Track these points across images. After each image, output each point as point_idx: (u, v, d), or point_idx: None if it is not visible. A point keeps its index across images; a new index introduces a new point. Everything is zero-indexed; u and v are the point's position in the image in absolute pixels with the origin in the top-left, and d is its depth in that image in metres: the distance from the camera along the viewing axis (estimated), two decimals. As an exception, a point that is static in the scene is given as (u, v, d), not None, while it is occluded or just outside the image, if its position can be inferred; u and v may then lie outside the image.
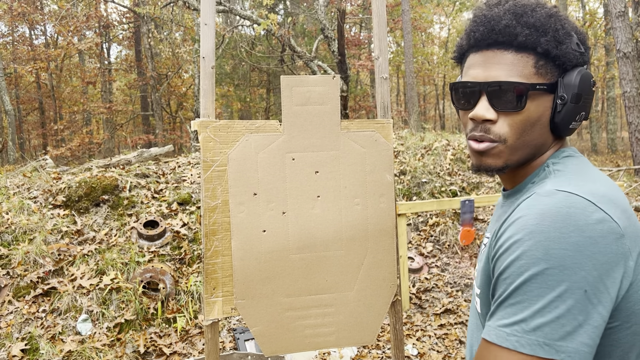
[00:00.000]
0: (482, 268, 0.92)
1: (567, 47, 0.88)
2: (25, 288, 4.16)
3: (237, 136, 1.64)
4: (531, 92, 0.87)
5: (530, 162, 0.94)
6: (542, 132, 0.91)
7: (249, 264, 1.65)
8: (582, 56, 0.90)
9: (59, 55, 16.93)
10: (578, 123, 0.91)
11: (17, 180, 5.48)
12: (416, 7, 19.82)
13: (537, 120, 0.89)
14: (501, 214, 0.97)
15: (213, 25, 1.63)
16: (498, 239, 0.83)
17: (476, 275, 0.99)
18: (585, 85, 0.88)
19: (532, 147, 0.91)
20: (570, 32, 0.89)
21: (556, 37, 0.87)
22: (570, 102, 0.88)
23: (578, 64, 0.90)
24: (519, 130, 0.89)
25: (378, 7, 1.73)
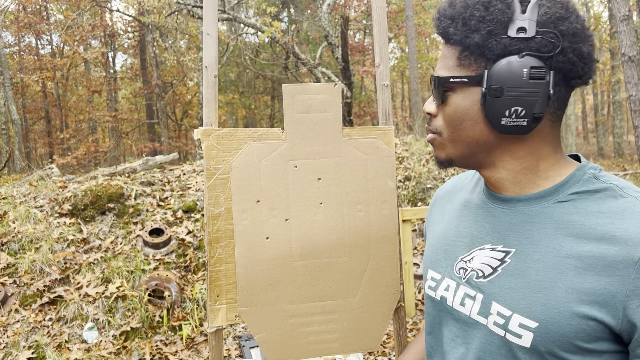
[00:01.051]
0: (559, 299, 0.77)
1: (485, 34, 0.80)
2: (32, 296, 4.18)
3: (240, 144, 1.65)
4: (449, 84, 0.86)
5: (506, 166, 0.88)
6: (477, 128, 0.85)
7: (253, 271, 1.66)
8: (523, 43, 0.78)
9: (65, 64, 17.07)
10: (517, 120, 0.80)
11: (23, 189, 5.52)
12: (420, 12, 19.87)
13: (465, 113, 0.85)
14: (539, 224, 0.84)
15: (215, 35, 1.64)
16: None
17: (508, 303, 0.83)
18: (508, 76, 0.79)
19: (470, 143, 0.87)
20: (498, 18, 0.79)
21: (468, 26, 0.81)
22: (489, 95, 0.80)
23: (511, 52, 0.79)
24: (450, 124, 0.88)
25: (379, 15, 1.75)
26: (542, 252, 0.81)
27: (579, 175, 0.83)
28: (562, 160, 0.87)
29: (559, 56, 0.79)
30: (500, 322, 0.83)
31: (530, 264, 0.81)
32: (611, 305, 0.72)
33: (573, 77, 0.81)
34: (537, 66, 0.78)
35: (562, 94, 0.82)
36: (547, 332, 0.77)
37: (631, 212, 0.75)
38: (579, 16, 0.81)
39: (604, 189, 0.80)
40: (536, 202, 0.85)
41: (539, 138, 0.85)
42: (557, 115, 0.85)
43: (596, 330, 0.74)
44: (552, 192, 0.84)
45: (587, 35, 0.81)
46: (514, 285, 0.82)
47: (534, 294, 0.79)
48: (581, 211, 0.79)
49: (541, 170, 0.86)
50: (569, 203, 0.81)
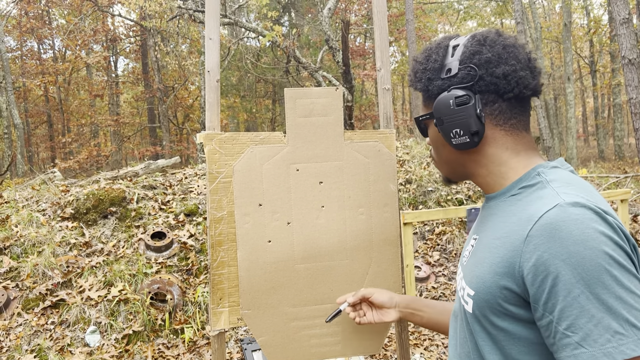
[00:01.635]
0: (484, 272, 0.94)
1: (425, 82, 1.05)
2: (34, 300, 4.19)
3: (242, 148, 1.66)
4: (420, 121, 1.13)
5: (479, 174, 1.07)
6: (446, 149, 1.09)
7: (255, 274, 1.66)
8: (450, 80, 1.01)
9: (67, 68, 17.12)
10: (461, 138, 1.01)
11: (25, 193, 5.54)
12: (420, 16, 19.91)
13: (436, 140, 1.11)
14: (493, 215, 1.03)
15: (217, 40, 1.66)
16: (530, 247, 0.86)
17: (465, 276, 1.03)
18: (441, 108, 1.02)
19: (448, 162, 1.11)
20: (432, 67, 1.04)
21: (417, 77, 1.08)
22: (437, 125, 1.05)
23: (443, 89, 1.03)
24: (434, 150, 1.15)
25: (379, 19, 1.76)
26: (487, 235, 1.00)
27: (530, 173, 0.99)
28: (523, 162, 1.02)
29: (479, 82, 0.99)
30: (462, 294, 1.04)
31: (480, 247, 1.01)
32: (513, 274, 0.88)
33: (503, 92, 0.99)
34: (460, 95, 0.99)
35: (503, 108, 1.01)
36: (479, 299, 0.95)
37: (539, 199, 0.90)
38: (494, 46, 1.00)
39: (537, 182, 0.96)
40: (498, 198, 1.03)
41: (495, 147, 1.03)
42: (511, 125, 1.02)
43: (510, 298, 0.89)
44: (509, 188, 1.01)
45: (502, 59, 0.99)
46: (470, 264, 1.02)
47: (475, 268, 0.98)
48: (517, 202, 0.96)
49: (503, 173, 1.03)
50: (515, 196, 0.98)
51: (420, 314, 1.40)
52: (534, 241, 0.84)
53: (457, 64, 1.00)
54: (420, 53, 1.11)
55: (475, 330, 0.99)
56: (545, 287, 0.82)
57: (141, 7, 10.44)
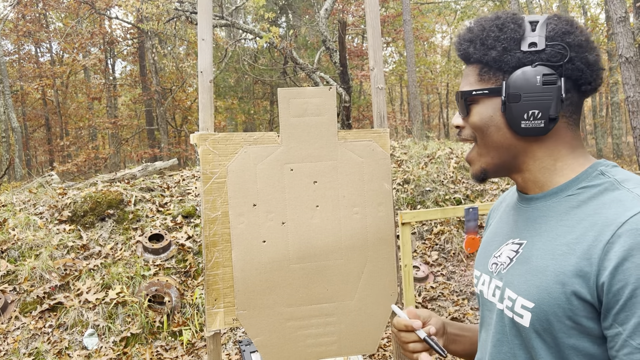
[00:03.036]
0: (549, 281, 0.85)
1: (500, 50, 0.93)
2: (32, 303, 4.19)
3: (236, 148, 1.66)
4: (471, 97, 0.98)
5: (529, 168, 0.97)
6: (500, 133, 0.96)
7: (250, 274, 1.66)
8: (535, 55, 0.90)
9: (65, 72, 17.12)
10: (535, 122, 0.91)
11: (23, 197, 5.53)
12: (418, 16, 19.93)
13: (489, 120, 0.96)
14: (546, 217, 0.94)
15: (210, 40, 1.66)
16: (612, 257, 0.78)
17: (512, 285, 0.93)
18: (524, 83, 0.91)
19: (499, 148, 0.97)
20: (511, 36, 0.92)
21: (486, 45, 0.95)
22: (509, 102, 0.92)
23: (525, 63, 0.91)
24: (478, 130, 0.99)
25: (372, 18, 1.76)
26: (544, 241, 0.90)
27: (590, 172, 0.91)
28: (579, 159, 0.94)
29: (568, 65, 0.90)
30: (509, 305, 0.93)
31: (534, 252, 0.91)
32: (588, 283, 0.80)
33: (583, 83, 0.92)
34: (549, 73, 0.89)
35: (575, 99, 0.93)
36: (540, 311, 0.85)
37: (617, 202, 0.83)
38: (583, 31, 0.92)
39: (603, 182, 0.88)
40: (550, 198, 0.94)
41: (556, 140, 0.94)
42: (573, 119, 0.94)
43: (581, 309, 0.81)
44: (564, 187, 0.93)
45: (592, 47, 0.92)
46: (520, 272, 0.92)
47: (532, 278, 0.89)
48: (581, 203, 0.88)
49: (558, 169, 0.95)
50: (574, 196, 0.90)
51: (461, 339, 1.18)
52: (616, 248, 0.77)
53: (544, 40, 0.90)
54: (484, 20, 0.98)
55: (534, 347, 0.89)
56: (620, 297, 0.75)
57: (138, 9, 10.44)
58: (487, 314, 1.04)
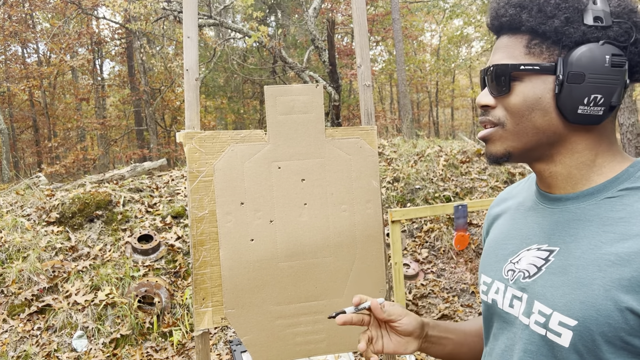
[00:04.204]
0: (597, 296, 0.75)
1: (562, 20, 0.80)
2: (20, 306, 4.15)
3: (223, 146, 1.66)
4: (516, 72, 0.83)
5: (563, 161, 0.85)
6: (546, 118, 0.82)
7: (238, 273, 1.66)
8: (601, 32, 0.78)
9: (52, 72, 16.97)
10: (594, 108, 0.78)
11: (10, 199, 5.48)
12: (407, 15, 19.97)
13: (535, 103, 0.82)
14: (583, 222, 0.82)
15: (196, 38, 1.65)
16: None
17: (545, 299, 0.82)
18: (590, 62, 0.77)
19: (537, 134, 0.84)
20: (574, 6, 0.79)
21: (543, 12, 0.81)
22: (568, 82, 0.78)
23: (589, 40, 0.78)
24: (515, 114, 0.85)
25: (359, 16, 1.76)
26: (584, 249, 0.79)
27: (632, 172, 0.81)
28: (617, 156, 0.84)
29: (632, 47, 0.78)
30: (541, 321, 0.82)
31: (572, 262, 0.80)
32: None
33: (637, 70, 0.80)
34: (618, 54, 0.77)
35: (626, 88, 0.81)
36: (586, 330, 0.75)
37: None
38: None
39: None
40: (585, 199, 0.83)
41: (600, 132, 0.83)
42: (616, 111, 0.83)
43: (635, 328, 0.72)
44: (602, 188, 0.82)
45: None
46: (555, 284, 0.81)
47: (573, 291, 0.77)
48: (627, 207, 0.77)
49: (597, 166, 0.83)
50: (617, 199, 0.79)
51: (444, 342, 1.09)
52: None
53: (610, 16, 0.78)
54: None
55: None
56: None
57: (126, 9, 10.37)
58: (503, 325, 0.92)
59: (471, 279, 5.07)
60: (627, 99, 8.92)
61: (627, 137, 9.02)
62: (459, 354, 1.09)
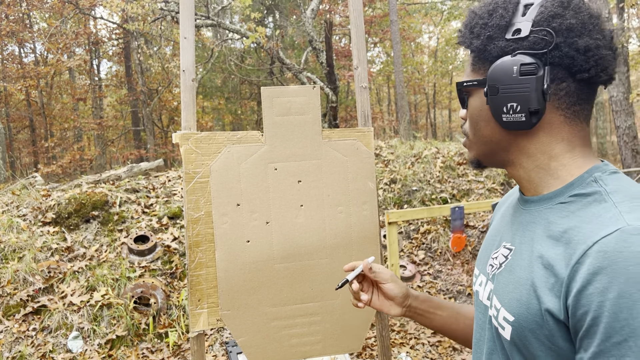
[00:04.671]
0: (527, 295, 0.81)
1: (484, 39, 0.87)
2: (15, 307, 4.13)
3: (219, 147, 1.65)
4: (465, 88, 0.93)
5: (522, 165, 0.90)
6: (489, 126, 0.90)
7: (234, 274, 1.65)
8: (518, 43, 0.84)
9: (49, 72, 16.92)
10: (515, 115, 0.84)
11: (6, 199, 5.46)
12: (405, 17, 19.99)
13: (479, 114, 0.91)
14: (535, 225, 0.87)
15: (192, 39, 1.64)
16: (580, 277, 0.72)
17: (499, 293, 0.89)
18: (500, 74, 0.84)
19: (489, 142, 0.92)
20: (497, 23, 0.86)
21: (473, 32, 0.89)
22: (489, 94, 0.87)
23: (506, 52, 0.85)
24: (472, 125, 0.94)
25: (356, 17, 1.76)
26: (529, 250, 0.84)
27: (585, 177, 0.83)
28: (577, 160, 0.86)
29: (554, 52, 0.82)
30: (495, 315, 0.89)
31: (518, 262, 0.86)
32: (559, 302, 0.75)
33: (577, 71, 0.82)
34: (528, 62, 0.82)
35: (571, 89, 0.84)
36: (519, 326, 0.81)
37: (597, 217, 0.76)
38: (579, 12, 0.83)
39: (594, 192, 0.80)
40: (543, 203, 0.87)
41: (549, 135, 0.86)
42: (573, 112, 0.85)
43: (555, 329, 0.76)
44: (558, 193, 0.85)
45: (586, 30, 0.82)
46: (505, 281, 0.88)
47: (514, 289, 0.84)
48: (569, 214, 0.81)
49: (552, 169, 0.87)
50: (566, 205, 0.83)
51: (430, 317, 1.19)
52: (582, 269, 0.71)
53: (529, 25, 0.83)
54: (480, 6, 0.91)
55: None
56: (583, 324, 0.71)
57: (123, 9, 10.36)
58: (480, 316, 1.00)
59: (467, 281, 5.07)
60: (624, 102, 8.94)
61: (623, 140, 9.05)
62: (450, 330, 1.18)
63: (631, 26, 14.86)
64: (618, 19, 12.01)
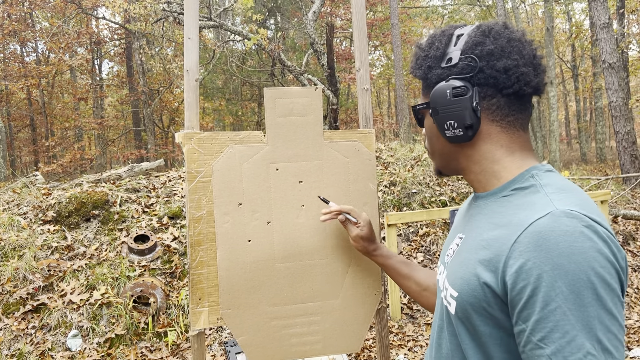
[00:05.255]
0: (469, 273, 0.92)
1: (425, 69, 1.03)
2: (15, 304, 4.14)
3: (222, 147, 1.67)
4: (417, 110, 1.10)
5: (471, 170, 1.04)
6: (439, 141, 1.06)
7: (235, 273, 1.66)
8: (450, 70, 0.98)
9: (50, 71, 16.94)
10: (454, 131, 0.99)
11: (6, 197, 5.47)
12: (405, 20, 20.03)
13: (431, 132, 1.08)
14: (482, 215, 1.00)
15: (196, 39, 1.66)
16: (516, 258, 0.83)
17: (449, 275, 1.01)
18: (437, 97, 1.00)
19: (441, 155, 1.08)
20: (434, 54, 1.01)
21: (417, 64, 1.05)
22: (432, 115, 1.02)
23: (442, 79, 1.00)
24: (428, 141, 1.11)
25: (358, 20, 1.77)
26: (473, 236, 0.98)
27: (524, 174, 0.96)
28: (517, 162, 0.99)
29: (479, 74, 0.96)
30: (445, 295, 1.02)
31: (465, 247, 0.99)
32: (496, 279, 0.86)
33: (502, 87, 0.96)
34: (458, 86, 0.97)
35: (501, 103, 0.98)
36: (462, 301, 0.93)
37: (531, 205, 0.88)
38: (498, 38, 0.97)
39: (530, 185, 0.93)
40: (489, 198, 1.01)
41: (489, 144, 1.01)
42: (507, 122, 0.99)
43: (492, 302, 0.87)
44: (502, 189, 0.98)
45: (505, 53, 0.96)
46: (454, 263, 1.01)
47: (459, 269, 0.96)
48: (508, 204, 0.93)
49: (495, 171, 1.01)
50: (508, 197, 0.96)
51: (390, 273, 1.49)
52: (520, 248, 0.82)
53: (459, 54, 0.98)
54: (424, 40, 1.07)
55: (459, 333, 0.97)
56: (523, 296, 0.80)
57: (126, 9, 10.38)
58: (438, 301, 1.12)
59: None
60: (623, 108, 8.97)
61: (622, 145, 9.06)
62: (401, 286, 1.48)
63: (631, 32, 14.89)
64: (618, 25, 12.03)
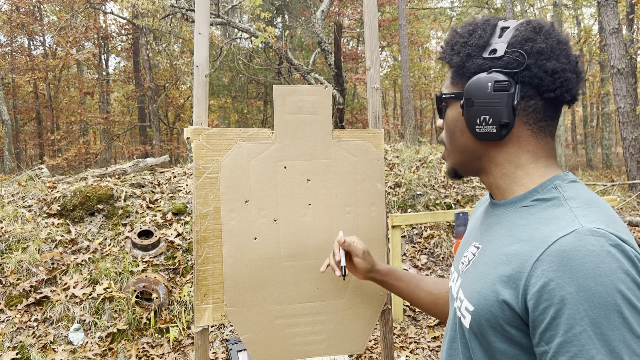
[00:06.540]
0: (487, 288, 0.89)
1: (463, 57, 0.96)
2: (18, 297, 4.15)
3: (230, 144, 1.66)
4: (443, 99, 1.03)
5: (491, 172, 0.99)
6: (464, 136, 1.00)
7: (240, 271, 1.66)
8: (493, 62, 0.92)
9: (57, 65, 16.99)
10: (487, 127, 0.93)
11: (11, 189, 5.48)
12: (413, 22, 20.00)
13: (455, 124, 1.01)
14: (500, 225, 0.96)
15: (207, 35, 1.65)
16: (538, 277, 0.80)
17: (464, 287, 0.97)
18: (476, 89, 0.93)
19: (463, 151, 1.01)
20: (477, 42, 0.95)
21: (454, 50, 0.98)
22: (465, 106, 0.95)
23: (483, 70, 0.94)
24: (448, 134, 1.04)
25: (370, 19, 1.76)
26: (492, 248, 0.93)
27: (546, 184, 0.92)
28: (540, 170, 0.95)
29: (525, 72, 0.91)
30: (459, 306, 0.98)
31: (483, 258, 0.95)
32: (517, 296, 0.82)
33: (545, 90, 0.91)
34: (501, 80, 0.91)
35: (538, 107, 0.93)
36: (478, 315, 0.90)
37: (555, 220, 0.84)
38: (549, 37, 0.92)
39: (553, 197, 0.89)
40: (508, 207, 0.96)
41: (517, 147, 0.96)
42: (539, 127, 0.94)
43: (511, 319, 0.84)
44: (522, 198, 0.94)
45: (554, 54, 0.91)
46: (470, 275, 0.97)
47: (476, 283, 0.93)
48: (529, 217, 0.89)
49: (517, 177, 0.96)
50: (528, 208, 0.91)
51: (389, 286, 1.44)
52: (543, 266, 0.78)
53: (504, 47, 0.92)
54: (462, 26, 1.00)
55: (472, 347, 0.94)
56: (546, 317, 0.77)
57: (134, 5, 10.39)
58: (450, 309, 1.09)
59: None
60: (631, 114, 8.92)
61: (629, 152, 9.02)
62: (408, 298, 1.40)
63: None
64: (628, 30, 11.97)
